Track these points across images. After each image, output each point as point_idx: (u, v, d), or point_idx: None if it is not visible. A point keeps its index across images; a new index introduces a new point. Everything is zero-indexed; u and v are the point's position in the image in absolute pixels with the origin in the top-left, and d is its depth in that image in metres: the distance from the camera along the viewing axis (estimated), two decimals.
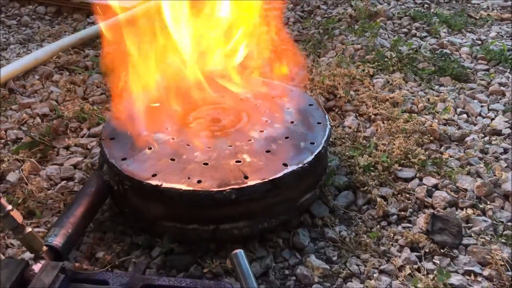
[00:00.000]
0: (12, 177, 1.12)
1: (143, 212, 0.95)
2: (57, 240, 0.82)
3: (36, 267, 0.76)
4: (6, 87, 1.46)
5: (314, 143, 1.00)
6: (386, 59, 1.56)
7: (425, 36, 1.78)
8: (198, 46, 1.23)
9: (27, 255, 0.89)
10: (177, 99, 1.12)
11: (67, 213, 0.88)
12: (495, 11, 2.00)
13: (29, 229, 0.78)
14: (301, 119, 1.08)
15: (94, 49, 1.69)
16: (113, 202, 1.02)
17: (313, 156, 0.96)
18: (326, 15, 1.93)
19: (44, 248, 0.80)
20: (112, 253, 0.93)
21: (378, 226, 1.00)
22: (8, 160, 1.16)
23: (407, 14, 1.92)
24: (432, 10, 1.99)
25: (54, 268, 0.77)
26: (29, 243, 0.78)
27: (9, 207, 0.76)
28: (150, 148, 0.98)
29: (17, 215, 0.77)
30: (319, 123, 1.07)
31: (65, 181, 1.12)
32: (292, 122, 1.07)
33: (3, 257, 0.93)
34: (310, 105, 1.14)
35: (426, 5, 2.06)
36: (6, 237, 0.97)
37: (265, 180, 0.90)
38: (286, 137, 1.02)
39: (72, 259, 0.91)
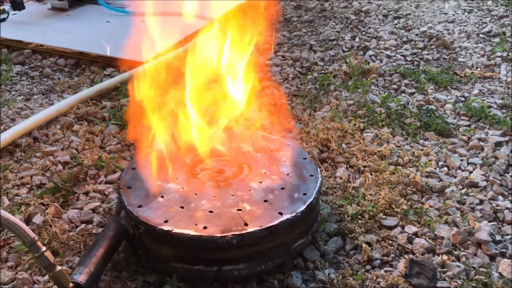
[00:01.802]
0: (37, 219, 1.25)
1: (155, 253, 1.08)
2: (82, 278, 0.95)
3: None
4: (31, 135, 1.61)
5: (306, 194, 1.14)
6: (376, 115, 1.72)
7: (413, 93, 1.93)
8: (205, 101, 1.38)
9: None
10: (187, 151, 1.27)
11: (89, 253, 1.01)
12: (479, 69, 2.16)
13: (59, 268, 0.91)
14: (295, 171, 1.22)
15: (111, 100, 1.85)
16: (128, 244, 1.14)
17: (305, 206, 1.10)
18: (322, 71, 2.10)
19: (71, 284, 0.93)
20: None
21: (363, 269, 1.13)
22: (33, 204, 1.30)
23: (397, 71, 2.09)
24: (421, 68, 2.16)
25: None
26: (58, 279, 0.91)
27: (44, 248, 0.89)
28: (162, 197, 1.12)
29: (49, 255, 0.90)
30: (311, 175, 1.21)
31: (84, 224, 1.25)
32: (287, 174, 1.21)
33: None
34: (304, 158, 1.28)
35: (416, 62, 2.23)
36: (33, 274, 1.10)
37: (263, 227, 1.03)
38: (282, 188, 1.16)
39: None
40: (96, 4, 2.73)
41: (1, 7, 2.56)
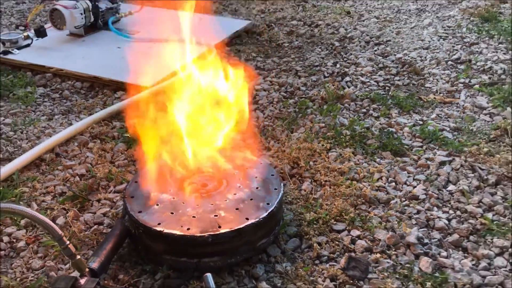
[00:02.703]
0: (60, 221, 1.58)
1: (151, 248, 1.40)
2: (95, 264, 1.27)
3: (82, 281, 1.22)
4: (54, 152, 1.94)
5: (269, 204, 1.45)
6: (342, 136, 2.03)
7: (378, 116, 2.24)
8: (196, 123, 1.68)
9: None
10: (178, 167, 1.59)
11: (101, 247, 1.34)
12: (441, 94, 2.47)
13: (78, 257, 1.24)
14: (263, 185, 1.54)
15: (120, 121, 2.18)
16: (130, 241, 1.47)
17: (267, 213, 1.41)
18: (303, 96, 2.42)
19: (87, 269, 1.25)
20: (128, 276, 1.37)
21: (312, 263, 1.44)
22: (56, 209, 1.63)
23: (368, 96, 2.40)
24: (390, 93, 2.46)
25: (93, 282, 1.22)
26: (78, 265, 1.24)
27: (68, 242, 1.22)
28: (157, 205, 1.45)
29: (72, 247, 1.23)
30: (275, 189, 1.52)
31: (97, 225, 1.57)
32: (257, 188, 1.53)
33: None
34: (272, 175, 1.60)
35: (387, 88, 2.53)
36: (57, 263, 1.43)
37: (232, 229, 1.35)
38: (251, 199, 1.48)
39: (102, 279, 1.36)
40: (108, 30, 3.07)
41: (26, 34, 2.92)
